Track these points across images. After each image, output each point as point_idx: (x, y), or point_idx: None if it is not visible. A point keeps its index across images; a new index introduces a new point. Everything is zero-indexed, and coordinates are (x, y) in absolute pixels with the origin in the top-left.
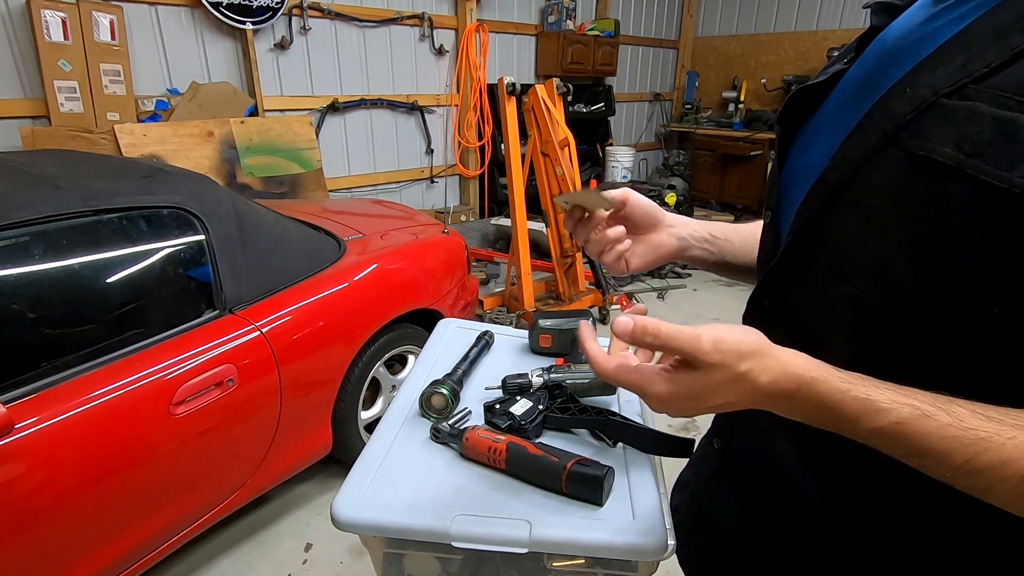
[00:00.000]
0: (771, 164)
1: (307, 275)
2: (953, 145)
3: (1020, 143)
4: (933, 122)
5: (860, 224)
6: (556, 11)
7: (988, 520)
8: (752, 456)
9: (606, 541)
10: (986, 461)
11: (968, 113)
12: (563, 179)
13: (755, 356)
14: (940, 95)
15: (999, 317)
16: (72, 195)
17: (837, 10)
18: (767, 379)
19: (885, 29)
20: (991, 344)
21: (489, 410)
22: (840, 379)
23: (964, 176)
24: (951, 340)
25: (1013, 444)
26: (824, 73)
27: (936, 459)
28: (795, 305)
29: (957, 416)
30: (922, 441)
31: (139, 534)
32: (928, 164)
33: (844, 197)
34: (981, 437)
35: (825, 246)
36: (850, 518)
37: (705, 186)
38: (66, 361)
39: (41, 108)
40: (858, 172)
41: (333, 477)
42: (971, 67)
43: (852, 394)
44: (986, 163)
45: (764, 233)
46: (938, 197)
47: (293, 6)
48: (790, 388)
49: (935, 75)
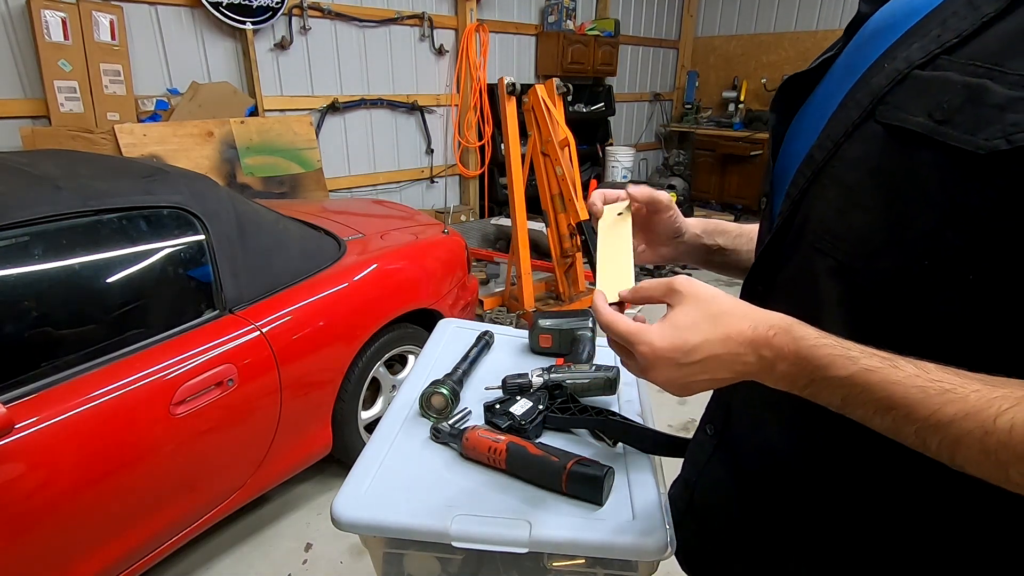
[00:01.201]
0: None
1: (307, 275)
2: (925, 114)
3: (986, 107)
4: (908, 94)
5: (841, 199)
6: (556, 11)
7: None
8: (745, 439)
9: (606, 541)
10: (951, 413)
11: (940, 83)
12: (563, 179)
13: (726, 299)
14: (914, 67)
15: (975, 284)
16: (72, 195)
17: (837, 10)
18: (747, 324)
19: (873, 15)
20: (971, 312)
21: (489, 410)
22: (816, 331)
23: (934, 143)
24: (934, 310)
25: (976, 396)
26: (815, 61)
27: (904, 411)
28: (786, 286)
29: (925, 368)
30: (890, 390)
31: (139, 534)
32: (901, 134)
33: (827, 174)
34: (947, 388)
35: (811, 224)
36: (839, 497)
37: (705, 186)
38: (66, 361)
39: (41, 108)
40: (839, 148)
41: (333, 477)
42: (944, 38)
43: (824, 342)
44: (954, 128)
45: (761, 221)
46: (911, 165)
47: (293, 6)
48: (768, 334)
49: (911, 49)
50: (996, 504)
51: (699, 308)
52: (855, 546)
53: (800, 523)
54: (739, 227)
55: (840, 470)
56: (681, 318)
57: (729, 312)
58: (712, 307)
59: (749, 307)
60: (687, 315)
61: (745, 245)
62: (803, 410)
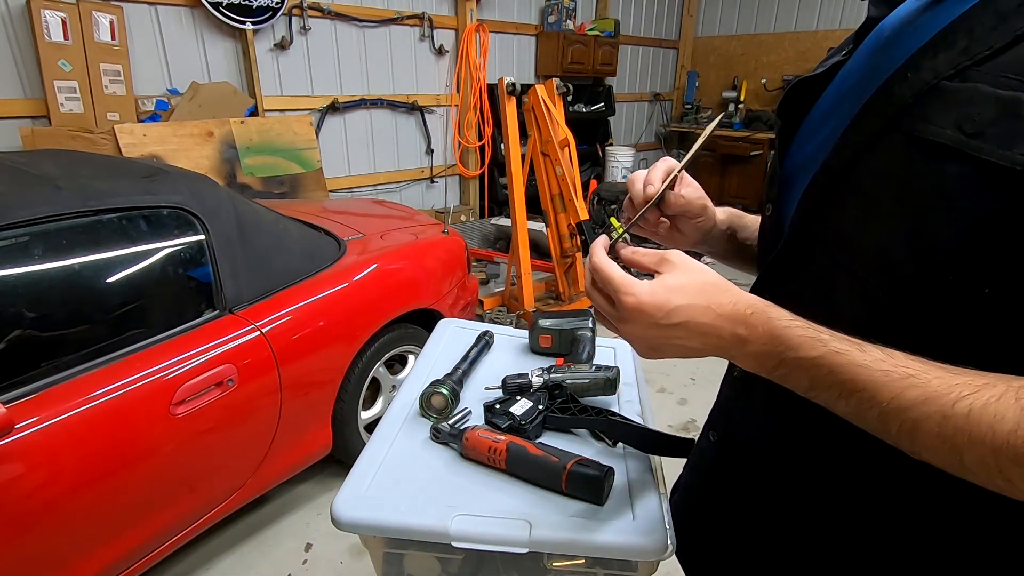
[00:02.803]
0: (772, 157)
1: (307, 275)
2: (954, 126)
3: (1021, 120)
4: (935, 105)
5: (861, 211)
6: (556, 11)
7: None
8: (748, 446)
9: (606, 541)
10: (912, 397)
11: (970, 94)
12: (563, 179)
13: (713, 273)
14: (942, 78)
15: (991, 297)
16: (72, 195)
17: (837, 10)
18: (728, 299)
19: (883, 20)
20: (988, 326)
21: (489, 410)
22: (790, 314)
23: (965, 156)
24: (950, 324)
25: (938, 382)
26: (823, 65)
27: (868, 393)
28: (795, 296)
29: (890, 354)
30: (855, 372)
31: (139, 534)
32: (928, 146)
33: (846, 184)
34: (910, 374)
35: (827, 235)
36: (841, 506)
37: (705, 186)
38: (66, 361)
39: (41, 108)
40: (860, 159)
41: (333, 477)
42: (973, 50)
43: (797, 323)
44: (987, 142)
45: (764, 227)
46: (939, 179)
47: (293, 6)
48: (746, 312)
49: (936, 59)
50: (999, 514)
51: (688, 276)
52: (857, 556)
53: (802, 532)
54: (754, 219)
55: (843, 480)
56: (671, 280)
57: (715, 284)
58: (700, 277)
59: (733, 286)
60: (676, 279)
61: (752, 237)
62: (806, 418)
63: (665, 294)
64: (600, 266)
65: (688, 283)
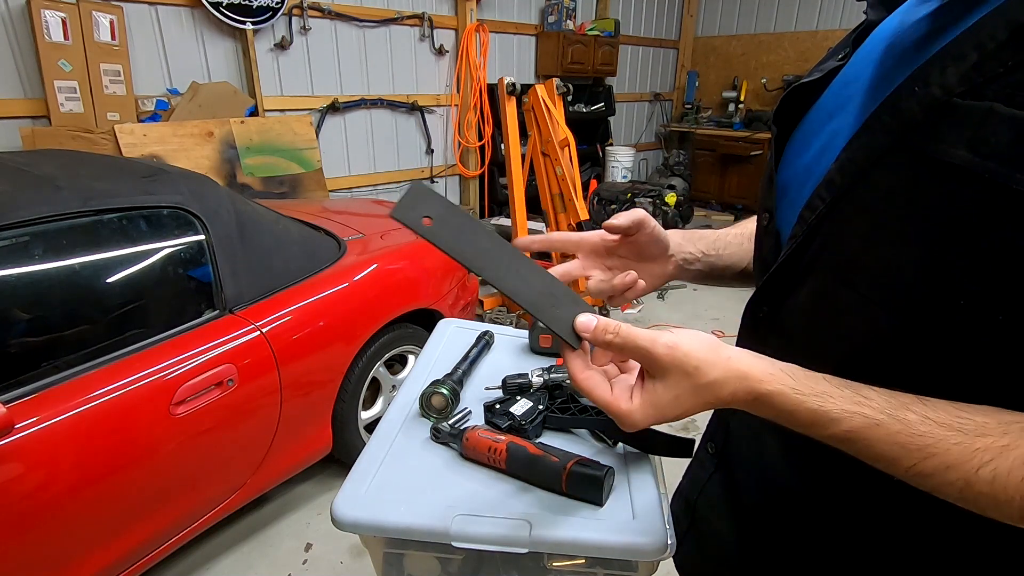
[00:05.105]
0: (768, 165)
1: (307, 275)
2: (967, 147)
3: None
4: (946, 123)
5: (868, 229)
6: (556, 11)
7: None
8: (745, 458)
9: (606, 541)
10: (932, 466)
11: (983, 114)
12: (563, 179)
13: (711, 367)
14: (954, 96)
15: (1004, 323)
16: (72, 195)
17: (837, 10)
18: (727, 392)
19: (881, 23)
20: (997, 351)
21: (489, 410)
22: (795, 391)
23: (980, 179)
24: (958, 348)
25: (958, 450)
26: (819, 70)
27: (886, 463)
28: (794, 311)
29: (907, 423)
30: (872, 447)
31: (139, 534)
32: (941, 167)
33: (851, 201)
34: (928, 444)
35: (830, 252)
36: (838, 525)
37: (705, 186)
38: (66, 361)
39: (41, 108)
40: (866, 175)
41: (333, 477)
42: (987, 67)
43: (806, 406)
44: (1003, 166)
45: (760, 236)
46: (952, 201)
47: (293, 6)
48: (747, 399)
49: (946, 74)
50: (1002, 538)
51: (681, 384)
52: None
53: (799, 551)
54: (715, 233)
55: (841, 498)
56: (662, 395)
57: (713, 382)
58: (696, 379)
59: (733, 370)
60: (669, 391)
61: (725, 249)
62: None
63: (659, 413)
64: (587, 390)
65: (682, 391)
